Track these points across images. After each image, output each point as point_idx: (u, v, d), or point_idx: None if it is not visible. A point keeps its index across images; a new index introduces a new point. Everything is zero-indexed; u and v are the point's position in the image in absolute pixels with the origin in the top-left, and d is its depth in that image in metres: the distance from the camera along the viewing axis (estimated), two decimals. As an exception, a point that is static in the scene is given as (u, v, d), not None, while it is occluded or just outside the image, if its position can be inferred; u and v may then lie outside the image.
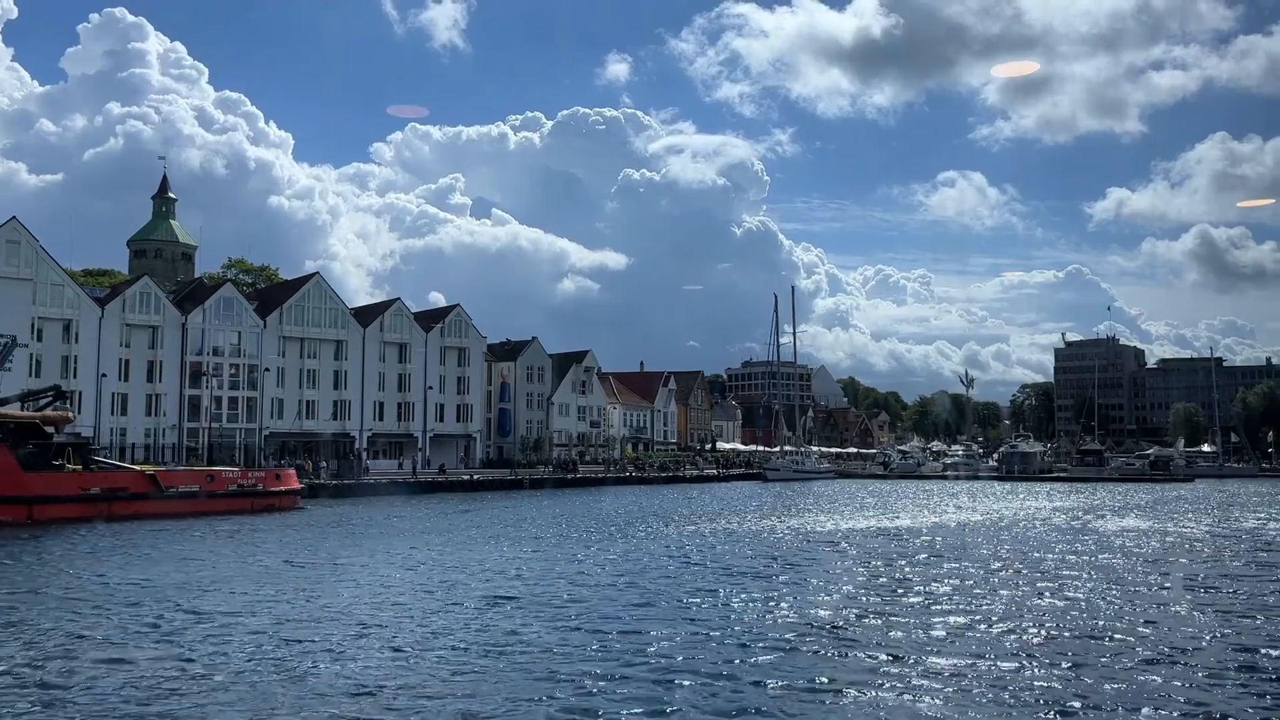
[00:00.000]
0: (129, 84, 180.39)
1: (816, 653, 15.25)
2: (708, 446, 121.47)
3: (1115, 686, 13.15)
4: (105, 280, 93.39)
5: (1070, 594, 21.56)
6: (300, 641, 16.02)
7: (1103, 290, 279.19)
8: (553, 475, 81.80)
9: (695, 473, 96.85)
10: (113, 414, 72.42)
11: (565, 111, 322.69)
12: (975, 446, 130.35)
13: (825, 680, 13.40)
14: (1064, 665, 14.33)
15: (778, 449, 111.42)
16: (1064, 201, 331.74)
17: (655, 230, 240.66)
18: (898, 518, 46.66)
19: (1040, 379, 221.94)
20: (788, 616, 18.55)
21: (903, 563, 27.36)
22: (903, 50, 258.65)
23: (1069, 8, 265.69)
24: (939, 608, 19.52)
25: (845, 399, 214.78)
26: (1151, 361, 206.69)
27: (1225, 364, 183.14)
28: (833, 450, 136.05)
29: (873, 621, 17.91)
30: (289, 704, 12.27)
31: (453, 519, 44.73)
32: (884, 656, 14.88)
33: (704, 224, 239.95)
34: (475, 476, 75.18)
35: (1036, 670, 14.05)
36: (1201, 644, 16.02)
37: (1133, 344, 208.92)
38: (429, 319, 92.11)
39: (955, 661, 14.50)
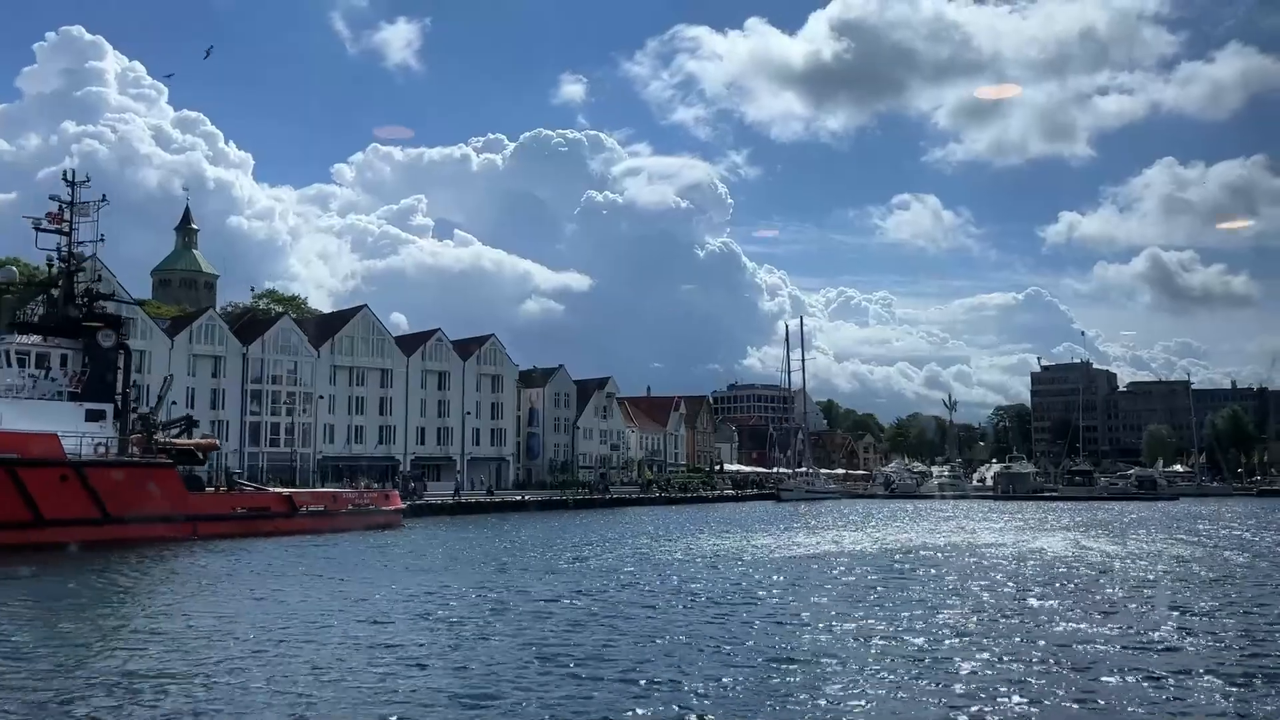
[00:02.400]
0: (85, 103, 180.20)
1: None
2: (716, 468, 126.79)
3: None
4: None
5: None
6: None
7: (1061, 312, 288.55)
8: (589, 496, 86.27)
9: (715, 493, 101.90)
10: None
11: (527, 134, 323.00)
12: (958, 467, 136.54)
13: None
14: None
15: (787, 471, 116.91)
16: (1017, 224, 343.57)
17: (618, 252, 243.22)
18: (958, 534, 51.61)
19: (1003, 400, 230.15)
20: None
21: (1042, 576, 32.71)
22: (854, 74, 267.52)
23: (1016, 33, 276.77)
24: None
25: (825, 421, 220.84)
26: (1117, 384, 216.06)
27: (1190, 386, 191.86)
28: (833, 471, 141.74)
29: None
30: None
31: (559, 534, 49.13)
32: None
33: (667, 246, 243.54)
34: (526, 497, 79.56)
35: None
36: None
37: (1095, 366, 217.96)
38: (465, 347, 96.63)
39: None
